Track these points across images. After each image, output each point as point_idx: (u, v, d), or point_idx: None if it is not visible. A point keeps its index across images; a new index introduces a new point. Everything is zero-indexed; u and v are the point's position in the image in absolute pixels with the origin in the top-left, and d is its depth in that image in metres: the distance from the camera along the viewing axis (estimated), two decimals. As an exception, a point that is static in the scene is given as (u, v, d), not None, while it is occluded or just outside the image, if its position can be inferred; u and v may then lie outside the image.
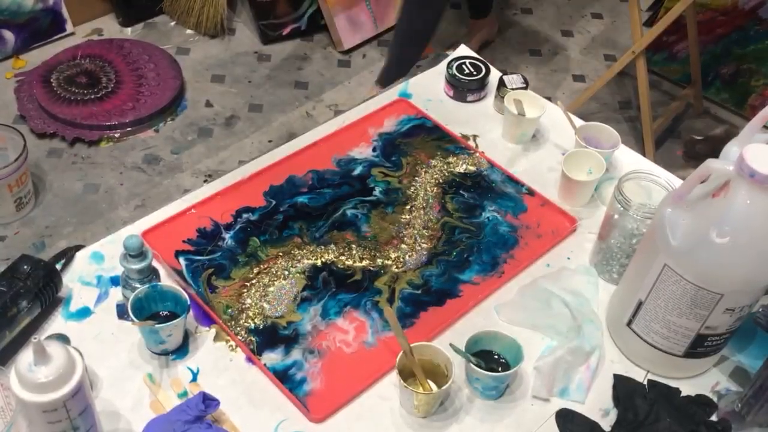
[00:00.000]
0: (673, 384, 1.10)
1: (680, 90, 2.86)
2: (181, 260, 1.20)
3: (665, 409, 1.05)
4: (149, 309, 1.09)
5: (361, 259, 1.23)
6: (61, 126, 2.37)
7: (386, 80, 2.20)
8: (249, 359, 1.09)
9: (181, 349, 1.09)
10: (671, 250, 1.00)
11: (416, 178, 1.37)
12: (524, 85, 1.47)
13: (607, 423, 1.06)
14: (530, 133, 1.45)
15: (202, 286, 1.17)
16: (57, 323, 1.11)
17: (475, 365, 1.04)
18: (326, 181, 1.35)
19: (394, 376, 1.07)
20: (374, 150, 1.41)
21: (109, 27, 2.78)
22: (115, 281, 1.16)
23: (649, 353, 1.10)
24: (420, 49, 2.31)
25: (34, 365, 0.83)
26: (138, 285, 1.08)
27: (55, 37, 2.67)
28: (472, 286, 1.21)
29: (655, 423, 1.04)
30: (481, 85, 1.52)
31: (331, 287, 1.19)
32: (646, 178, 1.19)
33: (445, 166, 1.39)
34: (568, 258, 1.26)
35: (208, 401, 0.98)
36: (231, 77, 2.69)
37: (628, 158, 1.42)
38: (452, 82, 1.52)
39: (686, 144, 2.60)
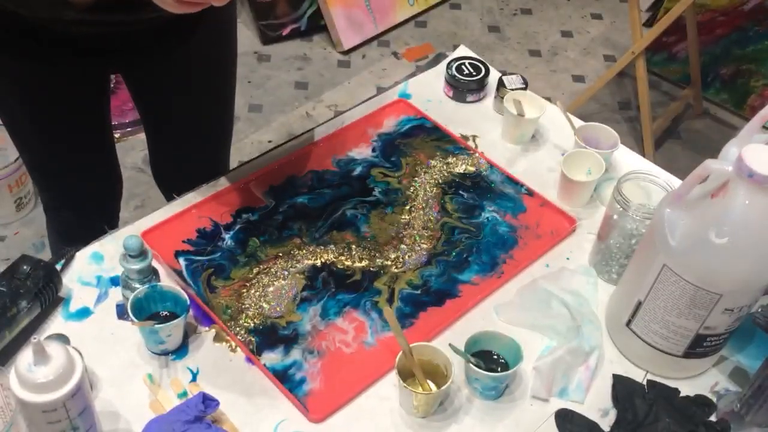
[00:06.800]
0: (672, 384, 1.10)
1: (680, 90, 2.86)
2: (181, 260, 1.20)
3: (664, 410, 1.05)
4: (149, 309, 1.09)
5: (361, 260, 1.23)
6: (61, 126, 2.37)
7: None
8: (249, 359, 1.10)
9: (181, 350, 1.09)
10: (670, 251, 1.00)
11: (416, 179, 1.37)
12: (524, 86, 1.47)
13: (606, 423, 1.06)
14: (530, 133, 1.45)
15: (201, 286, 1.17)
16: (57, 323, 1.11)
17: (475, 365, 1.04)
18: (326, 182, 1.35)
19: (393, 377, 1.07)
20: (374, 150, 1.42)
21: (109, 27, 2.79)
22: (115, 281, 1.16)
23: (649, 353, 1.10)
24: None
25: (34, 365, 0.83)
26: (138, 285, 1.09)
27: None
28: (472, 286, 1.21)
29: (654, 423, 1.04)
30: (481, 85, 1.52)
31: (331, 287, 1.19)
32: (646, 179, 1.19)
33: (445, 167, 1.39)
34: (568, 258, 1.27)
35: (207, 401, 0.98)
36: (231, 77, 2.69)
37: (628, 159, 1.42)
38: (452, 82, 1.52)
39: None
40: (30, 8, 1.05)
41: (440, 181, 1.37)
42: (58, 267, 1.14)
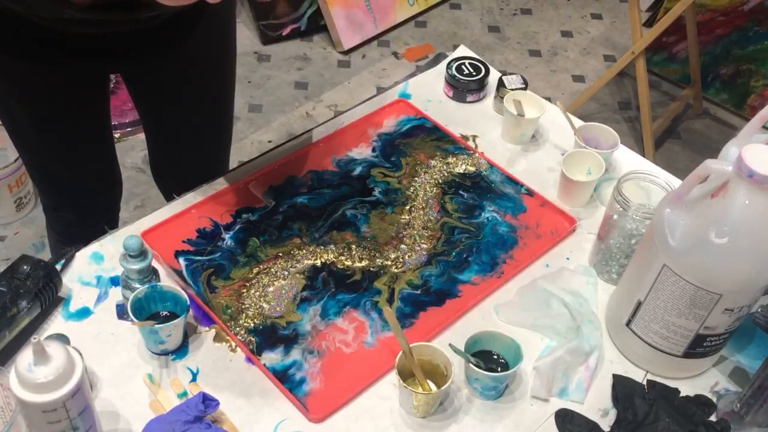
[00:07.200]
0: (672, 384, 1.10)
1: (680, 90, 2.86)
2: (181, 260, 1.20)
3: (664, 410, 1.05)
4: (149, 309, 1.09)
5: (361, 260, 1.23)
6: (61, 126, 2.37)
7: None
8: (248, 359, 1.10)
9: (181, 350, 1.09)
10: (670, 251, 1.00)
11: (416, 179, 1.37)
12: (524, 86, 1.47)
13: (606, 423, 1.06)
14: (529, 133, 1.45)
15: (201, 287, 1.17)
16: (57, 323, 1.11)
17: (475, 365, 1.04)
18: (326, 182, 1.35)
19: (393, 377, 1.07)
20: (374, 150, 1.42)
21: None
22: (114, 281, 1.16)
23: (649, 353, 1.10)
24: None
25: (34, 365, 0.83)
26: (138, 285, 1.09)
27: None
28: (472, 286, 1.21)
29: (654, 423, 1.04)
30: (481, 85, 1.52)
31: (331, 287, 1.19)
32: (646, 179, 1.19)
33: (445, 167, 1.39)
34: (568, 258, 1.27)
35: (207, 401, 0.98)
36: (231, 77, 2.69)
37: (628, 158, 1.42)
38: (452, 82, 1.52)
39: None
40: (29, 6, 1.05)
41: (440, 181, 1.37)
42: (58, 267, 1.14)
